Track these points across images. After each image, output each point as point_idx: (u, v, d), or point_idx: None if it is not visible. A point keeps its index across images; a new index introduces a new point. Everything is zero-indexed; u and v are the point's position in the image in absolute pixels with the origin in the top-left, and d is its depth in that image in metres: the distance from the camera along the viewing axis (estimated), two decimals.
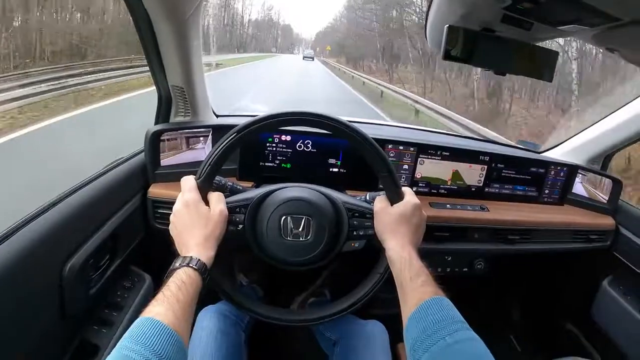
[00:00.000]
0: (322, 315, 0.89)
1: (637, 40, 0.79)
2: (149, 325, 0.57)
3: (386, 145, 1.24)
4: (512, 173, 1.35)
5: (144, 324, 0.58)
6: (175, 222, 0.79)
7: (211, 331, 0.98)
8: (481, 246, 1.25)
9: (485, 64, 0.93)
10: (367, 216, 0.88)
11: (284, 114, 0.82)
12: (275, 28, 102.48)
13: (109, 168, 1.05)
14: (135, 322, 0.58)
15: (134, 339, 0.55)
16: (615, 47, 0.92)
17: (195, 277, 0.69)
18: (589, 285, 1.44)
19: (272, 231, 0.83)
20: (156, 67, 1.09)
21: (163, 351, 0.55)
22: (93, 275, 0.89)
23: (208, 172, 0.81)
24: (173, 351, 0.56)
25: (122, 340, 0.56)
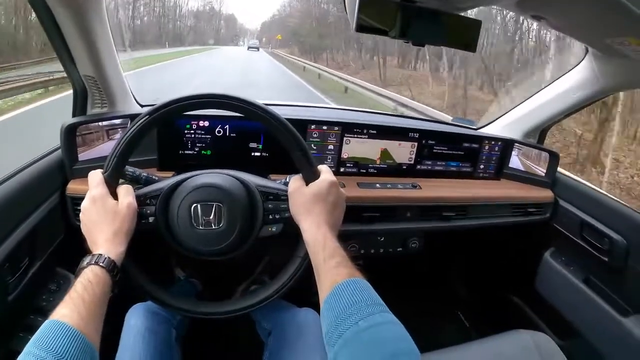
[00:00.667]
0: (246, 305, 0.86)
1: (561, 6, 0.78)
2: (52, 329, 0.56)
3: (308, 125, 1.21)
4: (444, 149, 1.34)
5: (48, 328, 0.56)
6: (84, 219, 0.76)
7: (139, 330, 0.93)
8: (414, 225, 1.23)
9: (402, 35, 0.91)
10: (282, 198, 0.85)
11: (194, 97, 0.78)
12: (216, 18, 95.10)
13: (25, 166, 0.99)
14: (41, 326, 0.57)
15: (37, 343, 0.54)
16: (539, 15, 0.91)
17: (102, 275, 0.66)
18: (531, 257, 1.46)
19: (183, 221, 0.79)
20: (65, 57, 1.03)
21: (66, 353, 0.53)
22: (11, 279, 0.84)
23: (114, 163, 0.77)
24: (78, 353, 0.55)
25: (27, 345, 0.54)
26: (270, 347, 1.01)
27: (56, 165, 1.06)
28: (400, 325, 0.60)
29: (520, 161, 1.45)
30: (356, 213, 1.15)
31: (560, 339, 1.25)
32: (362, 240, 1.24)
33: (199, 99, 0.78)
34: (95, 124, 1.10)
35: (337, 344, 0.58)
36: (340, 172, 1.27)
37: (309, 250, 0.76)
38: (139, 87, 1.26)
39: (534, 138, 1.49)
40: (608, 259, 1.20)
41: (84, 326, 0.58)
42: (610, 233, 1.19)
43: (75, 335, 0.55)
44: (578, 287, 1.27)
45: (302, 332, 0.97)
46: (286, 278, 0.86)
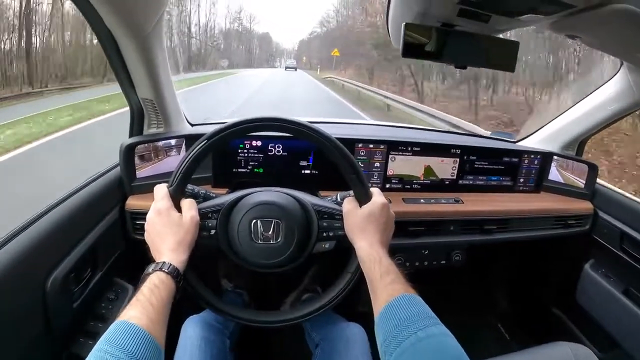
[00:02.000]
0: (299, 314, 0.90)
1: (594, 25, 0.81)
2: (123, 329, 0.59)
3: (356, 144, 1.25)
4: (485, 164, 1.37)
5: (119, 328, 0.59)
6: (149, 229, 0.80)
7: (195, 340, 0.98)
8: (457, 238, 1.26)
9: (445, 58, 0.95)
10: (336, 217, 0.89)
11: (249, 121, 0.83)
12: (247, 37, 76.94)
13: (86, 183, 1.06)
14: (110, 326, 0.60)
15: (109, 342, 0.56)
16: (574, 34, 0.93)
17: (167, 281, 0.70)
18: (571, 269, 1.46)
19: (243, 235, 0.84)
20: (125, 81, 1.10)
21: (138, 352, 0.56)
22: (75, 288, 0.90)
23: (179, 179, 0.82)
24: (148, 352, 0.57)
25: (98, 343, 0.57)
26: (317, 357, 1.05)
27: (115, 182, 1.13)
28: (452, 337, 0.63)
29: (559, 173, 1.46)
30: (402, 227, 1.17)
31: (601, 351, 1.25)
32: (407, 254, 1.27)
33: (254, 123, 0.83)
34: (151, 143, 1.17)
35: (396, 352, 0.62)
36: (386, 188, 1.31)
37: (363, 267, 0.80)
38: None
39: (572, 150, 1.49)
40: None
41: (152, 327, 0.61)
42: None
43: (145, 336, 0.59)
44: (618, 298, 1.27)
45: (350, 347, 1.01)
46: (336, 292, 0.90)
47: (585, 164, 1.42)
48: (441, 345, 0.62)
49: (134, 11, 0.90)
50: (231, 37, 69.24)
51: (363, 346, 1.03)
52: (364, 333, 1.06)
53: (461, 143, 1.34)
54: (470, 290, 1.78)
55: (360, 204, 0.86)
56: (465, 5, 0.81)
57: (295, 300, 1.47)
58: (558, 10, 0.76)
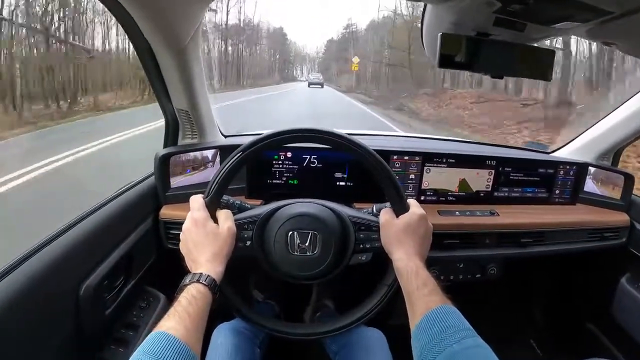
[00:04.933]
0: (331, 328, 0.90)
1: (631, 31, 0.80)
2: (161, 339, 0.59)
3: (391, 156, 1.25)
4: (520, 176, 1.35)
5: (157, 338, 0.60)
6: (185, 239, 0.81)
7: (226, 347, 0.98)
8: (493, 251, 1.24)
9: (481, 68, 0.94)
10: (373, 229, 0.89)
11: (286, 132, 0.84)
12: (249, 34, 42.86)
13: (121, 192, 1.08)
14: (148, 337, 0.60)
15: (147, 352, 0.57)
16: (611, 41, 0.92)
17: (205, 292, 0.71)
18: (607, 283, 1.42)
19: (280, 247, 0.85)
20: (161, 92, 1.12)
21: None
22: (108, 296, 0.91)
23: (215, 190, 0.83)
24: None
25: (135, 353, 0.58)
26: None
27: (149, 191, 1.14)
28: (489, 350, 0.62)
29: (595, 184, 1.42)
30: (437, 240, 1.13)
31: None
32: (442, 267, 1.25)
33: (288, 135, 0.84)
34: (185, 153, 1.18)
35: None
36: (421, 200, 1.29)
37: (400, 278, 0.79)
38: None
39: (608, 160, 1.46)
40: None
41: (189, 338, 0.61)
42: None
43: (182, 346, 0.59)
44: None
45: (369, 353, 1.00)
46: (374, 304, 0.89)
47: (621, 174, 1.39)
48: (477, 358, 0.62)
49: (172, 24, 0.92)
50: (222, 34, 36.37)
51: (383, 351, 1.02)
52: (384, 338, 1.05)
53: (496, 154, 1.33)
54: (503, 304, 1.75)
55: (397, 215, 0.86)
56: (502, 14, 0.80)
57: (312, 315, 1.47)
58: (594, 17, 0.74)
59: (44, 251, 0.77)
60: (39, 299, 0.73)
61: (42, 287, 0.73)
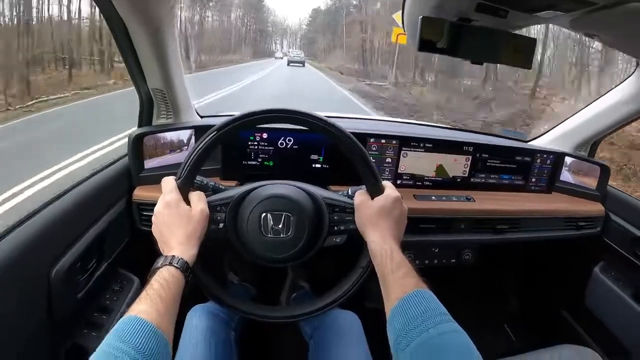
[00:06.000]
0: (307, 311, 0.90)
1: (613, 23, 0.80)
2: (132, 324, 0.58)
3: (368, 139, 1.24)
4: (497, 162, 1.35)
5: (128, 323, 0.59)
6: (157, 222, 0.79)
7: (201, 330, 0.98)
8: (468, 237, 1.25)
9: (462, 53, 0.93)
10: (347, 211, 0.88)
11: (261, 112, 0.82)
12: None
13: (93, 173, 1.05)
14: (119, 321, 0.59)
15: (117, 337, 0.56)
16: (593, 32, 0.92)
17: (177, 276, 0.70)
18: (581, 272, 1.45)
19: (253, 229, 0.83)
20: (135, 71, 1.09)
21: (146, 348, 0.56)
22: (80, 278, 0.89)
23: (188, 172, 0.81)
24: (156, 348, 0.57)
25: (106, 338, 0.57)
26: (312, 348, 1.04)
27: (123, 172, 1.12)
28: (465, 335, 0.62)
29: (571, 174, 1.44)
30: (412, 224, 1.14)
31: (608, 356, 1.21)
32: (417, 251, 1.26)
33: (267, 114, 0.82)
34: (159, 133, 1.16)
35: (407, 350, 0.61)
36: (397, 184, 1.29)
37: (375, 261, 0.79)
38: None
39: (585, 151, 1.48)
40: None
41: (161, 322, 0.61)
42: None
43: (153, 330, 0.58)
44: (628, 303, 1.26)
45: (343, 336, 1.00)
46: (348, 286, 0.88)
47: (597, 165, 1.41)
48: (453, 342, 0.61)
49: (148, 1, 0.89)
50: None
51: (357, 334, 1.02)
52: (358, 320, 1.05)
53: (473, 140, 1.33)
54: (478, 289, 1.77)
55: (372, 196, 0.85)
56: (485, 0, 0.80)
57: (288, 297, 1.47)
58: (577, 7, 0.74)
59: (13, 234, 0.75)
60: (8, 284, 0.70)
61: (12, 271, 0.71)
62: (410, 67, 22.15)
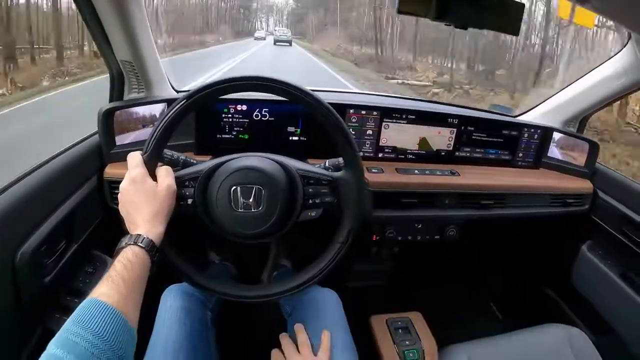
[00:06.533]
0: (283, 289, 0.87)
1: None
2: (92, 307, 0.56)
3: (347, 110, 1.19)
4: (483, 136, 1.32)
5: (88, 306, 0.57)
6: (123, 200, 0.76)
7: (175, 310, 0.94)
8: (452, 212, 1.21)
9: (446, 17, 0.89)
10: (322, 183, 0.85)
11: (232, 79, 0.78)
12: None
13: (62, 151, 1.00)
14: (80, 305, 0.57)
15: (76, 322, 0.54)
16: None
17: (142, 256, 0.67)
18: (568, 250, 1.43)
19: (222, 203, 0.79)
20: (102, 42, 1.04)
21: (106, 332, 0.54)
22: (48, 261, 0.85)
23: (154, 145, 0.77)
24: (117, 331, 0.55)
25: (65, 323, 0.55)
26: (290, 326, 1.01)
27: (94, 149, 1.07)
28: None
29: (559, 150, 1.41)
30: (395, 199, 1.14)
31: (594, 335, 1.21)
32: (400, 227, 1.23)
33: (238, 82, 0.78)
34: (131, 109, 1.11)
35: None
36: (379, 157, 1.26)
37: None
38: None
39: (574, 127, 1.45)
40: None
41: (124, 305, 0.58)
42: None
43: (114, 314, 0.56)
44: (614, 282, 1.24)
45: (321, 313, 0.98)
46: (326, 262, 0.86)
47: (586, 142, 1.38)
48: None
49: None
50: None
51: (337, 312, 0.99)
52: (338, 299, 1.03)
53: (459, 113, 1.29)
54: (464, 267, 1.76)
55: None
56: None
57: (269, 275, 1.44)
58: None
59: None
60: None
61: None
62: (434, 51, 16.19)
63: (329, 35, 30.69)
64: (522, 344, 1.10)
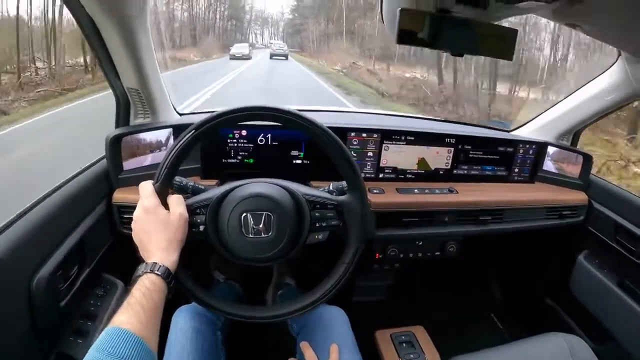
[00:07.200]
0: (292, 309, 0.89)
1: (595, 13, 0.79)
2: (114, 335, 0.58)
3: (348, 133, 1.23)
4: (479, 154, 1.35)
5: (111, 334, 0.58)
6: (136, 229, 0.78)
7: (186, 331, 0.96)
8: (452, 229, 1.24)
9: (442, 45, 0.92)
10: (328, 207, 0.87)
11: (239, 110, 0.81)
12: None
13: (71, 177, 1.03)
14: (103, 332, 0.59)
15: (101, 349, 0.56)
16: (575, 22, 0.91)
17: (159, 283, 0.69)
18: (565, 260, 1.46)
19: (233, 229, 0.82)
20: (108, 69, 1.06)
21: (128, 358, 0.56)
22: (62, 286, 0.87)
23: (165, 174, 0.80)
24: (139, 357, 0.57)
25: (89, 351, 0.56)
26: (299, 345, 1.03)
27: (102, 175, 1.09)
28: None
29: (554, 163, 1.45)
30: (396, 218, 1.17)
31: (594, 343, 1.24)
32: (401, 245, 1.25)
33: (243, 112, 0.81)
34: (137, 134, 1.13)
35: None
36: (380, 178, 1.29)
37: None
38: None
39: (567, 140, 1.48)
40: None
41: (144, 331, 0.60)
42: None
43: (136, 341, 0.58)
44: (612, 290, 1.27)
45: (330, 331, 1.00)
46: (332, 283, 0.88)
47: (580, 155, 1.42)
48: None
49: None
50: None
51: (344, 328, 1.02)
52: (345, 316, 1.05)
53: (456, 132, 1.32)
54: (464, 281, 1.78)
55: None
56: None
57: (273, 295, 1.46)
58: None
59: None
60: None
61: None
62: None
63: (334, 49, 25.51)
64: (524, 354, 1.11)
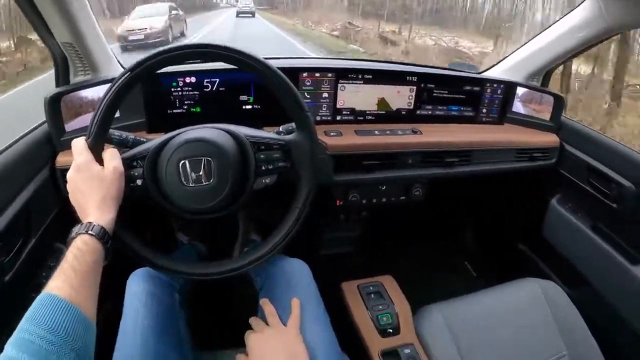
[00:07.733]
0: (247, 261, 0.85)
1: None
2: (44, 302, 0.55)
3: (300, 73, 1.16)
4: (444, 93, 1.29)
5: (40, 302, 0.56)
6: (71, 188, 0.74)
7: (140, 295, 0.91)
8: (416, 172, 1.20)
9: None
10: (274, 147, 0.82)
11: (176, 48, 0.74)
12: None
13: (10, 144, 0.95)
14: (34, 302, 0.56)
15: (29, 319, 0.54)
16: None
17: (92, 244, 0.65)
18: (537, 204, 1.43)
19: (172, 179, 0.76)
20: (39, 25, 0.97)
21: (59, 326, 0.53)
22: (5, 259, 0.81)
23: (97, 127, 0.73)
24: (71, 324, 0.54)
25: (21, 322, 0.54)
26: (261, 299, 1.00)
27: (43, 139, 1.02)
28: None
29: (523, 105, 1.40)
30: (355, 162, 1.12)
31: (569, 287, 1.23)
32: (363, 190, 1.21)
33: (180, 51, 0.74)
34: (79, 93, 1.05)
35: None
36: (337, 120, 1.23)
37: None
38: None
39: (538, 81, 1.43)
40: (616, 205, 1.17)
41: (77, 296, 0.57)
42: (619, 179, 1.15)
43: (67, 307, 0.55)
44: (586, 234, 1.25)
45: (291, 283, 0.97)
46: (286, 229, 0.84)
47: (550, 95, 1.37)
48: None
49: None
50: None
51: (307, 281, 0.99)
52: (307, 268, 1.01)
53: (418, 70, 1.26)
54: (435, 229, 1.76)
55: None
56: None
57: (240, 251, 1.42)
58: None
59: None
60: None
61: None
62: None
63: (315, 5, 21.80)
64: (498, 300, 1.11)
